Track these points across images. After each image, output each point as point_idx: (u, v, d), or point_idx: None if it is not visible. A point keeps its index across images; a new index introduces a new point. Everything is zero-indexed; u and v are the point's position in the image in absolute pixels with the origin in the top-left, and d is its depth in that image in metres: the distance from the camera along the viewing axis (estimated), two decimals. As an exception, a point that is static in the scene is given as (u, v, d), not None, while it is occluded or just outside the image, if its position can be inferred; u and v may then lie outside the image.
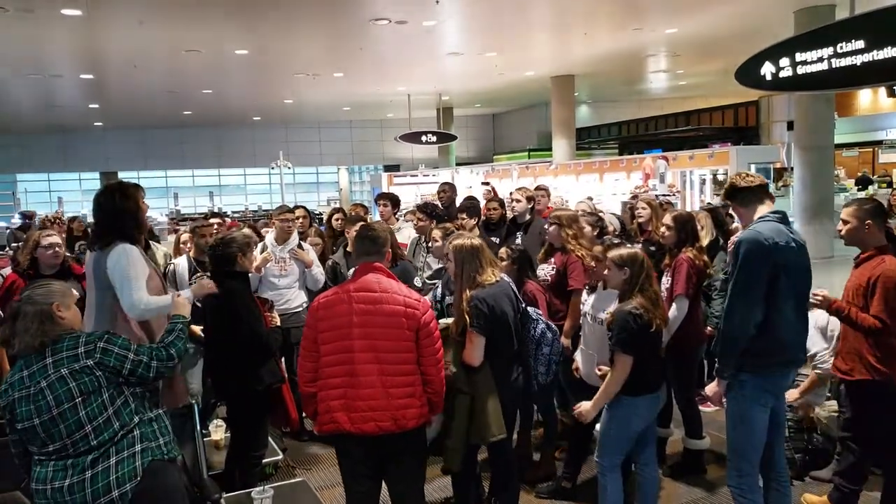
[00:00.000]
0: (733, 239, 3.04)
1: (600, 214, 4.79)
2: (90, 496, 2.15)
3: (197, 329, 3.41)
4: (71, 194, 26.44)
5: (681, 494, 3.64)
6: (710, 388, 2.89)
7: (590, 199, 7.31)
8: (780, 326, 2.70)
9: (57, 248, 3.84)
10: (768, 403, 2.79)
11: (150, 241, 5.08)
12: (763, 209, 2.80)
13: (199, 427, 3.24)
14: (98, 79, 14.42)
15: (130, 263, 2.87)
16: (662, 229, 3.97)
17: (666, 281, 3.79)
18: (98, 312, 3.02)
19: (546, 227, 4.22)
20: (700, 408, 4.62)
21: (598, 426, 3.79)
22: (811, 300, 3.07)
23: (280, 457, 3.70)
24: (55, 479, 2.17)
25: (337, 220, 5.87)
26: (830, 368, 3.46)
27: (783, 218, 2.80)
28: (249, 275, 3.50)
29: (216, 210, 24.31)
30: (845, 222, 3.15)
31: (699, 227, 4.50)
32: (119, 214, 2.95)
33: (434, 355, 2.67)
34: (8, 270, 4.91)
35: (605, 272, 3.09)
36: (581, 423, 3.51)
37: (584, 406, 3.05)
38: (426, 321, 2.64)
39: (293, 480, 3.27)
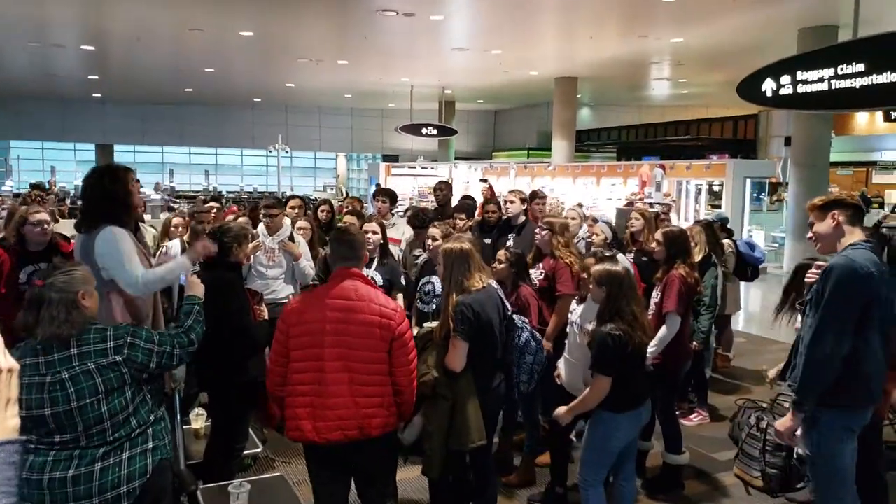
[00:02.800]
0: (820, 264, 2.84)
1: (588, 223, 4.80)
2: (97, 489, 2.10)
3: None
4: (65, 164, 26.20)
5: (657, 509, 3.66)
6: (783, 424, 2.66)
7: (580, 205, 7.30)
8: (867, 359, 2.59)
9: (45, 226, 3.80)
10: (853, 440, 2.67)
11: (139, 223, 5.03)
12: (858, 234, 2.67)
13: (178, 416, 3.22)
14: (99, 51, 14.27)
15: (119, 244, 2.85)
16: (653, 244, 3.98)
17: (655, 295, 3.80)
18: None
19: (537, 231, 4.24)
20: (681, 421, 4.67)
21: (574, 433, 3.84)
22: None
23: (259, 449, 3.70)
24: (55, 469, 2.08)
25: (324, 211, 5.83)
26: None
27: (874, 247, 2.66)
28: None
29: (210, 189, 24.23)
30: None
31: (693, 244, 4.53)
32: (107, 198, 2.91)
33: (407, 366, 2.64)
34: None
35: (591, 286, 3.10)
36: (558, 431, 3.53)
37: (560, 410, 3.06)
38: (401, 331, 2.61)
39: (271, 475, 3.26)
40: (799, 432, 2.73)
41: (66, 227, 8.11)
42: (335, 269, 2.71)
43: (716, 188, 12.53)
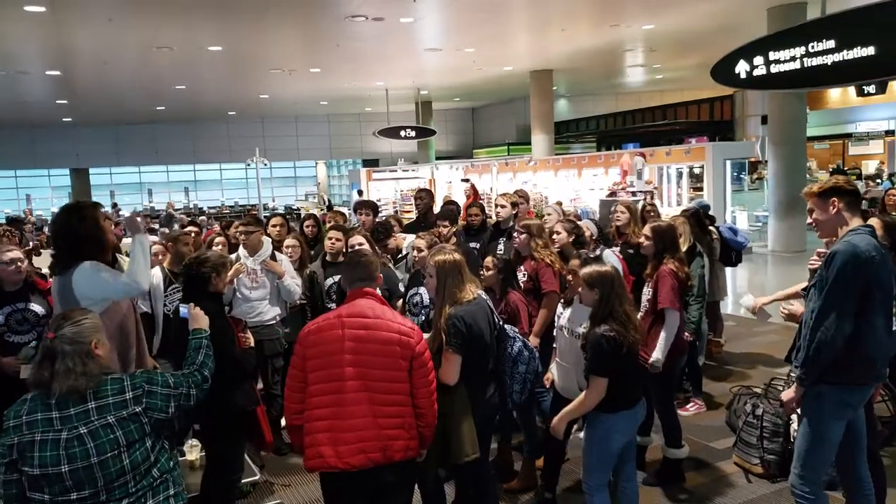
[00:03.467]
0: (820, 250, 2.93)
1: (577, 222, 4.78)
2: None
3: (152, 362, 3.36)
4: (40, 191, 25.85)
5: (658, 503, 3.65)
6: (787, 395, 2.84)
7: (559, 203, 7.30)
8: (870, 341, 2.68)
9: (18, 263, 3.69)
10: (847, 416, 2.76)
11: (117, 255, 4.93)
12: (857, 220, 2.75)
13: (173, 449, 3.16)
14: (66, 76, 14.08)
15: (97, 271, 2.81)
16: (642, 239, 3.97)
17: (647, 292, 3.78)
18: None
19: (515, 235, 4.23)
20: (678, 412, 4.67)
21: (573, 434, 3.81)
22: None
23: (258, 476, 3.64)
24: None
25: (309, 226, 5.76)
26: None
27: (873, 232, 2.75)
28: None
29: (191, 206, 24.00)
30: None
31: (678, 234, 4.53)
32: (77, 237, 2.86)
33: (428, 386, 2.59)
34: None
35: (579, 289, 3.08)
36: (553, 437, 3.52)
37: (554, 421, 3.04)
38: (420, 350, 2.56)
39: (270, 503, 3.22)
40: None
41: (46, 259, 7.95)
42: (351, 290, 2.67)
43: (696, 171, 12.60)
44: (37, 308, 3.70)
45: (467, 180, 14.72)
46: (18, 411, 2.04)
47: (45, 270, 5.57)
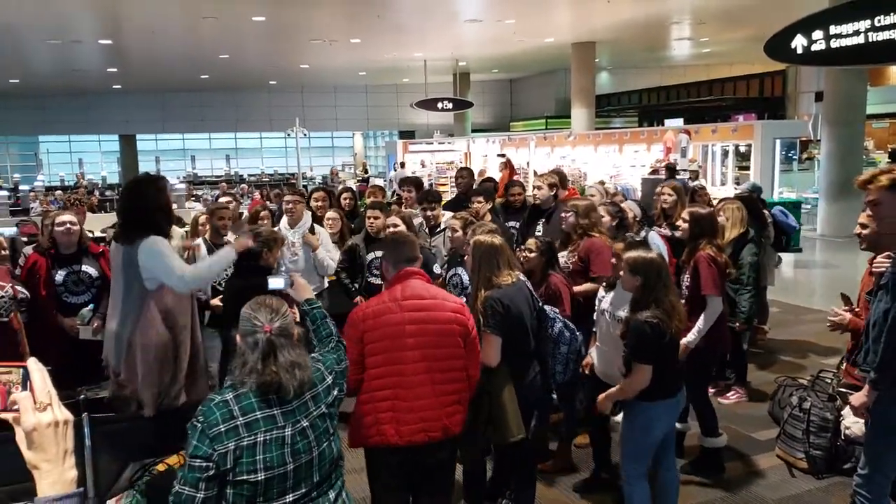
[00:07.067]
0: (888, 254, 2.72)
1: (621, 205, 4.67)
2: None
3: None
4: (91, 156, 26.66)
5: (696, 494, 3.58)
6: (858, 399, 2.68)
7: (602, 182, 7.13)
8: None
9: (69, 225, 3.85)
10: None
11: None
12: None
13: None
14: (116, 44, 14.36)
15: (162, 250, 2.91)
16: (679, 222, 3.87)
17: (685, 279, 3.70)
18: (125, 303, 3.03)
19: (563, 214, 4.14)
20: (718, 400, 4.59)
21: (614, 418, 3.79)
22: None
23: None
24: None
25: (346, 199, 5.80)
26: None
27: None
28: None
29: (232, 174, 24.40)
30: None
31: (725, 220, 4.39)
32: (148, 208, 2.97)
33: (478, 360, 2.70)
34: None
35: (621, 273, 3.02)
36: (596, 417, 3.50)
37: (600, 398, 3.02)
38: (471, 326, 2.64)
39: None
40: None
41: (93, 222, 8.16)
42: (398, 270, 2.68)
43: (742, 149, 12.19)
44: (90, 270, 3.91)
45: (503, 156, 14.54)
46: (225, 414, 1.83)
47: (97, 234, 5.74)
